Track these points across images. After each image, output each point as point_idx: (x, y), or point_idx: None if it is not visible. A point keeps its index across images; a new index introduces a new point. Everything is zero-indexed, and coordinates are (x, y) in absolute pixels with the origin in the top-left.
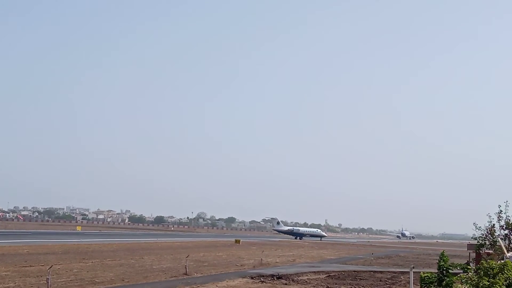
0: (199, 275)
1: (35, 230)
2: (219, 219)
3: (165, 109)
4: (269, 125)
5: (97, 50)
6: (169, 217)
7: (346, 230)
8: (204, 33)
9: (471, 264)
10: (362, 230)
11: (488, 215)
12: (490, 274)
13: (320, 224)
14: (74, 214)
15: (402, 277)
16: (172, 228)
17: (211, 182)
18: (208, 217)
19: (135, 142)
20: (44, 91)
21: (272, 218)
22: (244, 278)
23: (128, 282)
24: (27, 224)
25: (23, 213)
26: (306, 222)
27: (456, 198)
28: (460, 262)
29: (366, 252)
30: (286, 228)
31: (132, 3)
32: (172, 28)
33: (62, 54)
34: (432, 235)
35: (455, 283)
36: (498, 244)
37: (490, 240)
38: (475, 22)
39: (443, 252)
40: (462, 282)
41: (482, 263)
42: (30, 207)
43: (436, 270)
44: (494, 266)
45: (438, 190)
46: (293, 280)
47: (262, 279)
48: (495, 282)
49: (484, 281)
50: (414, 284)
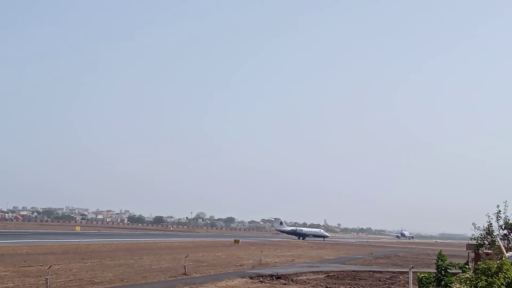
0: (198, 275)
1: (34, 230)
2: (218, 219)
3: (164, 109)
4: (268, 125)
5: (97, 50)
6: (168, 217)
7: (345, 230)
8: (204, 33)
9: (470, 264)
10: (361, 230)
11: (487, 215)
12: (489, 274)
13: (319, 224)
14: (73, 214)
15: (401, 277)
16: (171, 228)
17: (210, 182)
18: (207, 217)
19: (135, 142)
20: (43, 91)
21: (275, 219)
22: (243, 278)
23: (127, 282)
24: (26, 224)
25: (22, 213)
26: (305, 222)
27: (455, 198)
28: (459, 262)
29: (365, 252)
30: (289, 228)
31: (131, 3)
32: (172, 28)
33: (61, 54)
34: (431, 235)
35: (454, 283)
36: (497, 244)
37: (489, 240)
38: (475, 22)
39: (441, 251)
40: (461, 282)
41: (481, 263)
42: (29, 207)
43: (434, 270)
44: (492, 266)
45: (437, 190)
46: (292, 280)
47: (261, 279)
48: (494, 281)
49: (482, 281)
50: (413, 284)
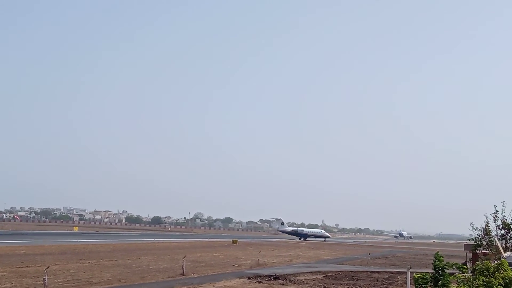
0: (196, 276)
1: (32, 231)
2: (216, 220)
3: (164, 108)
4: (268, 125)
5: (97, 50)
6: (166, 217)
7: (343, 231)
8: (204, 33)
9: (468, 264)
10: (359, 231)
11: (485, 215)
12: (487, 274)
13: (317, 224)
14: (71, 215)
15: (399, 277)
16: (169, 228)
17: (208, 182)
18: (205, 217)
19: (134, 142)
20: (43, 91)
21: (276, 219)
22: (241, 279)
23: (125, 282)
24: (24, 224)
25: (20, 213)
26: (303, 222)
27: (454, 198)
28: (456, 262)
29: (363, 252)
30: (290, 229)
31: (131, 3)
32: (172, 28)
33: (61, 54)
34: (429, 235)
35: (451, 283)
36: (494, 244)
37: (487, 240)
38: (475, 22)
39: (438, 252)
40: (459, 282)
41: (479, 263)
42: (27, 208)
43: (432, 270)
44: (490, 266)
45: (436, 190)
46: (290, 280)
47: (259, 280)
48: (492, 282)
49: (479, 281)
50: (411, 284)
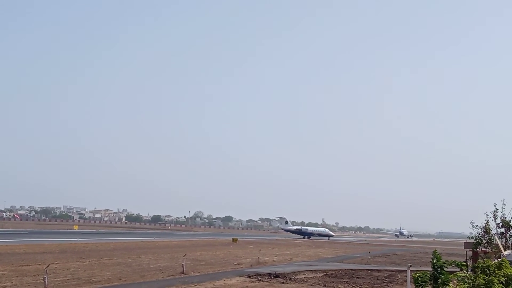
0: (196, 274)
1: (32, 229)
2: (216, 218)
3: (163, 108)
4: (267, 124)
5: (96, 49)
6: (166, 216)
7: (343, 229)
8: (203, 32)
9: (468, 262)
10: (359, 229)
11: (485, 214)
12: (487, 272)
13: (317, 222)
14: (71, 213)
15: (399, 275)
16: (169, 227)
17: (208, 181)
18: (205, 216)
19: (133, 141)
20: (42, 90)
21: (280, 218)
22: (241, 277)
23: (125, 281)
24: (24, 223)
25: (20, 212)
26: (303, 221)
27: (454, 197)
28: (457, 260)
29: (363, 250)
30: (295, 227)
31: (130, 3)
32: (171, 27)
33: (60, 53)
34: (429, 234)
35: (451, 281)
36: (494, 242)
37: (487, 238)
38: (475, 21)
39: (436, 250)
40: (459, 280)
41: (480, 262)
42: (26, 206)
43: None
44: (491, 264)
45: (436, 190)
46: (290, 278)
47: (259, 278)
48: (492, 280)
49: (480, 279)
50: (411, 282)
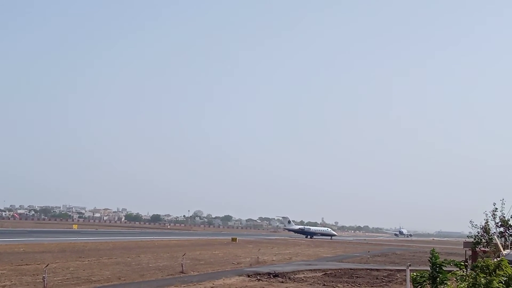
0: (196, 273)
1: (31, 229)
2: (216, 217)
3: (163, 108)
4: (267, 124)
5: (96, 49)
6: (165, 215)
7: (343, 228)
8: (204, 31)
9: (468, 261)
10: (359, 228)
11: (484, 213)
12: (487, 272)
13: (316, 222)
14: (70, 213)
15: (398, 275)
16: (168, 226)
17: (208, 180)
18: (204, 215)
19: (133, 140)
20: (42, 90)
21: (283, 217)
22: (240, 276)
23: (124, 280)
24: (23, 222)
25: (19, 211)
26: (302, 220)
27: (453, 196)
28: (456, 259)
29: (362, 250)
30: (297, 227)
31: (130, 3)
32: (171, 27)
33: (60, 53)
34: (428, 233)
35: (450, 280)
36: (494, 241)
37: (486, 238)
38: (475, 21)
39: (433, 249)
40: (457, 279)
41: (479, 261)
42: (26, 206)
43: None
44: (490, 263)
45: (436, 189)
46: (289, 278)
47: (259, 277)
48: (492, 279)
49: (480, 278)
50: (410, 281)
